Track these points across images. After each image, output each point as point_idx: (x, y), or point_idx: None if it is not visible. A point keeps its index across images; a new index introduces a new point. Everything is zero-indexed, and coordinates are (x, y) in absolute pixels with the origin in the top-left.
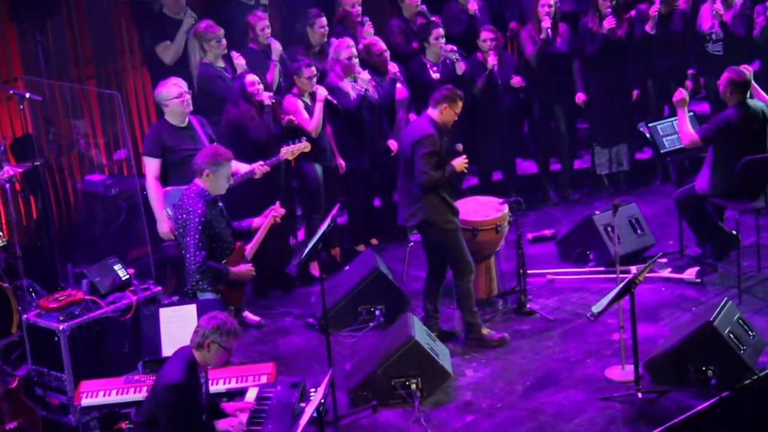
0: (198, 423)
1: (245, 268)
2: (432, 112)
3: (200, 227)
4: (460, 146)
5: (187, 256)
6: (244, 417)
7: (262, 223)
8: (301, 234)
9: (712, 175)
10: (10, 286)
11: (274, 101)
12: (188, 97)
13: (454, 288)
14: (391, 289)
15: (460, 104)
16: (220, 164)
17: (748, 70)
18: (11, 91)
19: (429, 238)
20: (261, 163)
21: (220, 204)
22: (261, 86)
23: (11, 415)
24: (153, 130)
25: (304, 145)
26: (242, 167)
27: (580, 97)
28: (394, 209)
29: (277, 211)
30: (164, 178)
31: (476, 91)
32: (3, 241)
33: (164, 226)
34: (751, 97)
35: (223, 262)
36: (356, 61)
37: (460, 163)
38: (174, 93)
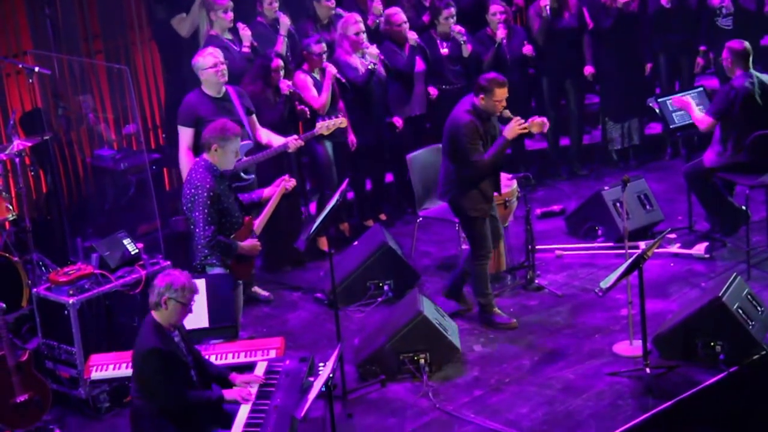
0: (188, 379)
1: (253, 244)
2: (474, 99)
3: (209, 201)
4: (507, 112)
5: (197, 230)
6: (253, 389)
7: (272, 193)
8: (312, 209)
9: (721, 147)
10: (20, 260)
11: (291, 91)
12: (223, 67)
13: (470, 267)
14: (400, 264)
15: (498, 91)
16: (228, 139)
17: None
18: (20, 65)
19: (457, 215)
20: (295, 137)
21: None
22: (283, 72)
23: (22, 388)
24: (188, 100)
25: (340, 121)
26: (276, 140)
27: (588, 70)
28: (403, 185)
29: (288, 181)
30: (197, 149)
31: (484, 66)
32: (13, 215)
33: None
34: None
35: (232, 236)
36: (364, 36)
37: (512, 129)
38: (209, 63)
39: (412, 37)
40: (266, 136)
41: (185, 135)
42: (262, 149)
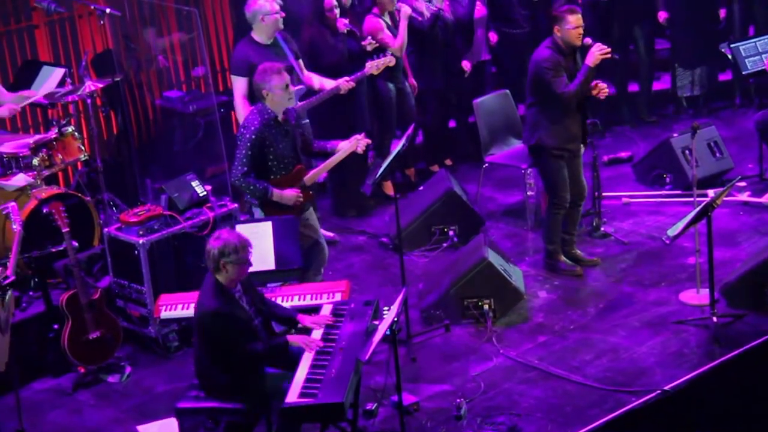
0: (252, 331)
1: (291, 193)
2: (553, 35)
3: (249, 144)
4: (588, 40)
5: (232, 166)
6: (317, 334)
7: (344, 148)
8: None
9: None
10: (92, 200)
11: (348, 29)
12: (283, 14)
13: (544, 213)
14: (465, 209)
15: (570, 18)
16: (269, 80)
17: None
18: (92, 6)
19: (538, 160)
20: (346, 78)
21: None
22: (338, 10)
23: (94, 326)
24: (239, 49)
25: (389, 59)
26: (327, 83)
27: (662, 15)
28: (470, 130)
29: (361, 140)
30: (252, 96)
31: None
32: (85, 156)
33: None
34: None
35: (273, 178)
36: None
37: (593, 55)
38: (274, 9)
39: None
40: (317, 80)
41: (240, 84)
42: (313, 94)
